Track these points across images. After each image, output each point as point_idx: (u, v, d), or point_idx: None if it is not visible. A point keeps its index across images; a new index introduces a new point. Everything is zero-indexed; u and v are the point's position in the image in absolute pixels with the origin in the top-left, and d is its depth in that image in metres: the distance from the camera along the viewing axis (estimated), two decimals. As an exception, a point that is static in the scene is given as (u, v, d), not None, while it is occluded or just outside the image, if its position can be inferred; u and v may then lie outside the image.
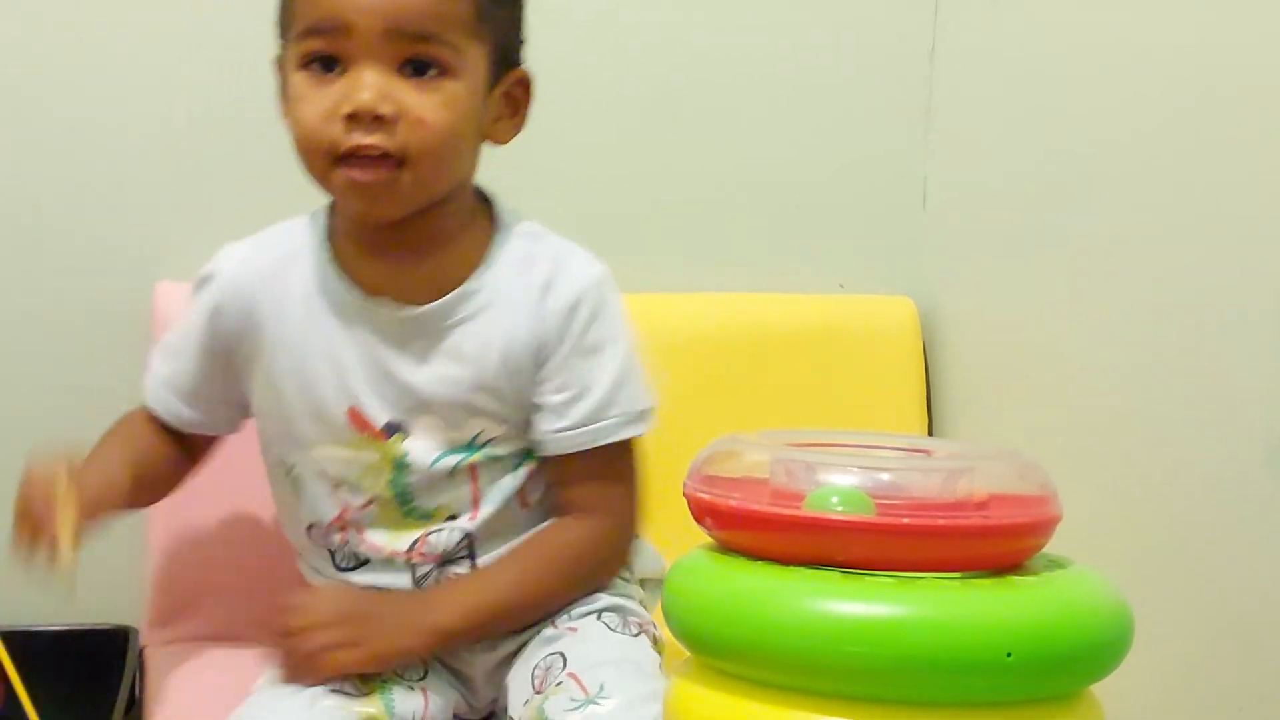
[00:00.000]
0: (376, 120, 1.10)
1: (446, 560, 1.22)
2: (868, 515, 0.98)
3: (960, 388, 1.69)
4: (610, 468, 1.23)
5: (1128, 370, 1.40)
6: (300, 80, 1.14)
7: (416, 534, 1.21)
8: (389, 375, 1.19)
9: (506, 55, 1.19)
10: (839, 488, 1.00)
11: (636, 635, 1.20)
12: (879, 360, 1.68)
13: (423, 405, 1.19)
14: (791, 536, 0.98)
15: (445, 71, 1.12)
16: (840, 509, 0.98)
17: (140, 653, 1.44)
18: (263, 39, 1.55)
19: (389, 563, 1.22)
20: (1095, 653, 0.97)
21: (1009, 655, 0.92)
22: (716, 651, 1.00)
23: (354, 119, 1.10)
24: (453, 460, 1.20)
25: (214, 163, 1.56)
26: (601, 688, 1.11)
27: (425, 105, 1.11)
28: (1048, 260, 1.54)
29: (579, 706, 1.10)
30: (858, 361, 1.67)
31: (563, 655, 1.17)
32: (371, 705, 1.14)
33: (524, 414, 1.22)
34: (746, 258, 1.68)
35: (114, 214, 1.54)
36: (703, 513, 1.04)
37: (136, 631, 1.47)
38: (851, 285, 1.74)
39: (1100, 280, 1.45)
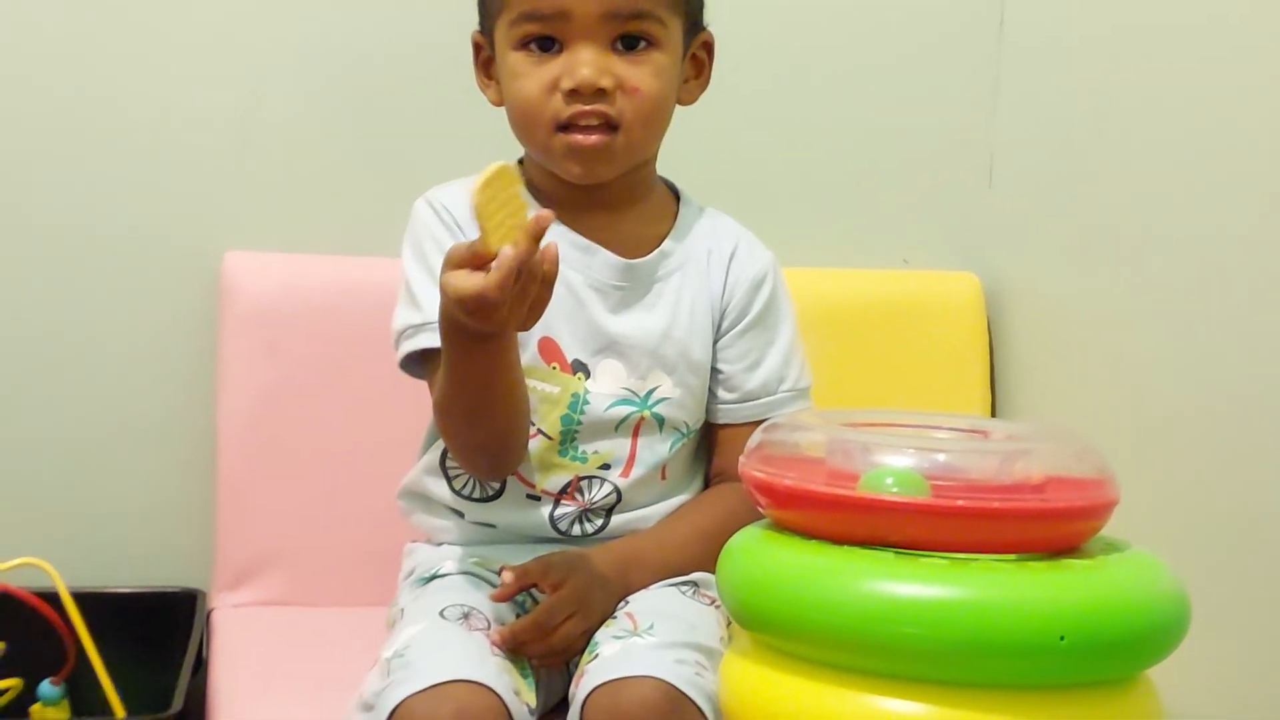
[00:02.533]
0: (598, 92, 1.19)
1: (589, 509, 1.26)
2: (922, 496, 0.98)
3: (1024, 365, 1.67)
4: None
5: (1193, 353, 1.39)
6: (518, 59, 1.22)
7: (569, 476, 1.25)
8: (587, 316, 1.25)
9: (695, 20, 1.27)
10: (894, 469, 1.00)
11: (707, 605, 1.21)
12: (942, 337, 1.67)
13: (613, 348, 1.25)
14: (846, 516, 0.99)
15: (652, 44, 1.22)
16: (895, 490, 0.99)
17: (208, 615, 1.47)
18: (320, 16, 1.57)
19: (531, 499, 1.25)
20: (1150, 638, 0.97)
21: (1062, 638, 0.93)
22: (770, 629, 1.01)
23: (575, 93, 1.19)
24: (624, 411, 1.25)
25: (280, 135, 1.58)
26: (652, 626, 1.14)
27: (638, 76, 1.21)
28: (1114, 239, 1.52)
29: (623, 636, 1.13)
30: (921, 338, 1.67)
31: (628, 601, 1.20)
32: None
33: (696, 377, 1.27)
34: (811, 233, 1.68)
35: (185, 186, 1.56)
36: (758, 491, 1.05)
37: (204, 594, 1.50)
38: (915, 261, 1.73)
39: (1168, 260, 1.43)
